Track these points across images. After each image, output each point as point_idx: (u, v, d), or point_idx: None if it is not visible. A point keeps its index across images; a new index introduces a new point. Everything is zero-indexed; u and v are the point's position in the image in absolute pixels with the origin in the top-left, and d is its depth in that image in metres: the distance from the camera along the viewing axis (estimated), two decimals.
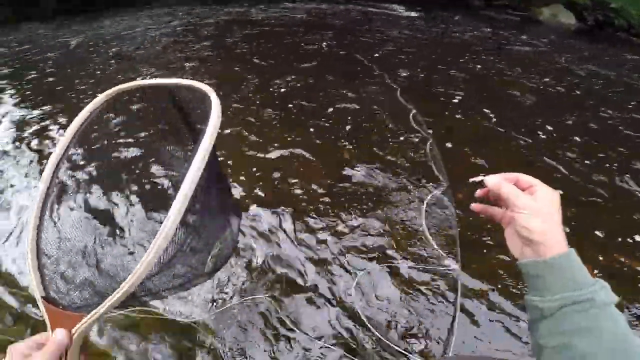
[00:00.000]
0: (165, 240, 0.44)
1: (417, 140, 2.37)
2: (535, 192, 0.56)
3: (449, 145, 2.33)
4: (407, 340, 1.30)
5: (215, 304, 1.48)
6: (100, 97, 0.64)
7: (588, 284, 0.50)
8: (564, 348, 0.48)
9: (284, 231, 1.76)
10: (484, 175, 0.59)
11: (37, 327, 1.40)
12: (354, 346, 1.30)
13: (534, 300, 0.52)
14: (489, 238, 1.65)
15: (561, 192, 0.56)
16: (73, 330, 0.50)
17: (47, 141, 2.66)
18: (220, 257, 0.64)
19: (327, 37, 4.75)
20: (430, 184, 1.98)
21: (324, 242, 1.69)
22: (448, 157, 2.19)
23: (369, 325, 1.33)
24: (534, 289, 0.54)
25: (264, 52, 4.27)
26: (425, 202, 1.83)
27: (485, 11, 6.23)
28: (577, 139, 2.48)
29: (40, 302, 0.52)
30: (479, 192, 0.64)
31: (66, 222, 0.54)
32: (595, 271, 1.56)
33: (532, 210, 0.53)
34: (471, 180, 0.62)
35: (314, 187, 2.00)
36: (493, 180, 0.58)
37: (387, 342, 1.29)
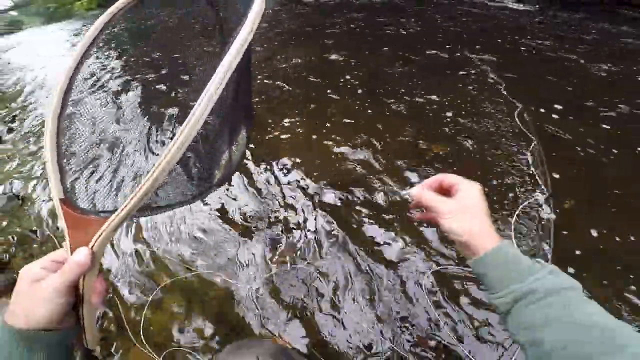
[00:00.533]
0: (206, 109, 0.37)
1: (519, 140, 2.09)
2: (457, 192, 0.56)
3: (557, 149, 2.01)
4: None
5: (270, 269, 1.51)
6: None
7: (533, 273, 0.48)
8: (533, 343, 0.46)
9: (360, 214, 1.70)
10: (409, 188, 0.61)
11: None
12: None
13: (490, 298, 0.52)
14: (587, 258, 1.44)
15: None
16: (93, 240, 0.45)
17: None
18: (232, 165, 0.57)
19: (424, 22, 4.35)
20: (530, 190, 1.74)
21: (399, 232, 1.60)
22: (555, 162, 1.90)
23: (438, 319, 1.27)
24: (487, 287, 0.53)
25: (353, 36, 4.06)
26: (519, 208, 1.62)
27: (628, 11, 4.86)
28: None
29: (57, 205, 0.47)
30: (412, 205, 0.66)
31: (90, 114, 0.49)
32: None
33: (454, 213, 0.54)
34: (402, 193, 0.68)
35: (395, 179, 1.88)
36: (415, 192, 0.59)
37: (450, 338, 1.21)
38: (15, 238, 2.10)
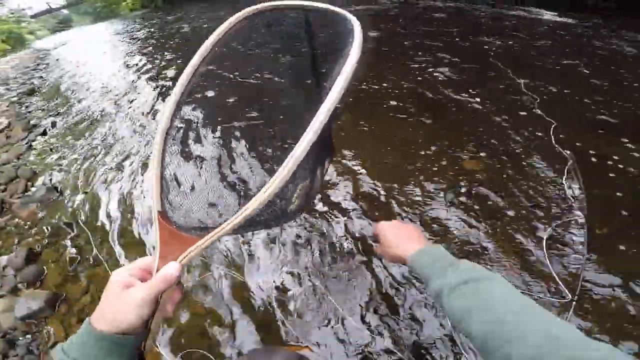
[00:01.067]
0: (311, 139, 0.40)
1: (554, 159, 2.01)
2: (379, 236, 0.80)
3: (595, 169, 1.92)
4: None
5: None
6: (225, 25, 0.61)
7: (445, 268, 0.57)
8: (468, 336, 0.50)
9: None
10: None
11: None
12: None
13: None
14: (622, 287, 1.37)
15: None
16: (182, 256, 0.48)
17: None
18: (309, 196, 0.59)
19: (454, 33, 4.30)
20: (563, 212, 1.67)
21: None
22: (593, 183, 1.81)
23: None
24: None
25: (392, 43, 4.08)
26: (551, 227, 1.57)
27: None
28: None
29: (155, 217, 0.51)
30: None
31: (189, 137, 0.54)
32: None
33: (383, 252, 0.79)
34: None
35: (420, 193, 1.88)
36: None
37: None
38: (50, 230, 2.21)
